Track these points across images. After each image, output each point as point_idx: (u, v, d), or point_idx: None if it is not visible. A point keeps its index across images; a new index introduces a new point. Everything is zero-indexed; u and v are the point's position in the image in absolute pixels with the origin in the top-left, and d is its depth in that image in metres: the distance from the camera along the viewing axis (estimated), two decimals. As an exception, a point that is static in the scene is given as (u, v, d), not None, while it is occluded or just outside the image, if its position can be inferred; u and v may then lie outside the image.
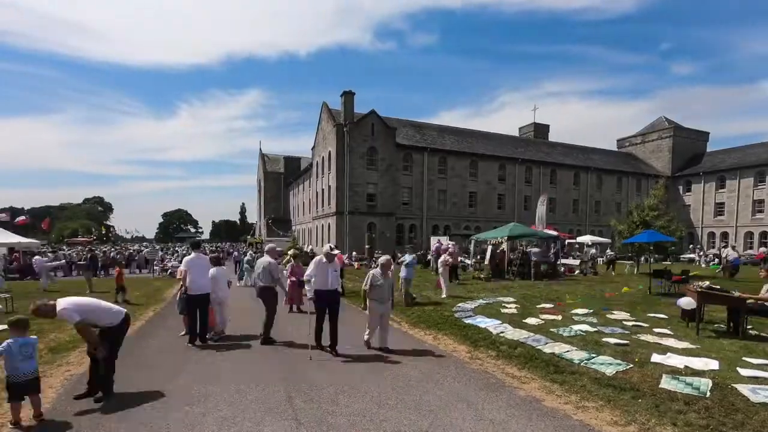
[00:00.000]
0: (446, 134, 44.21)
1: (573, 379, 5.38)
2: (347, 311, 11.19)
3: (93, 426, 4.08)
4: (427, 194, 40.30)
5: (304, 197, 51.37)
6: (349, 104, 36.24)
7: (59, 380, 5.44)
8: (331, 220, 37.53)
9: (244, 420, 4.22)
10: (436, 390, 5.09)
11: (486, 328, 8.24)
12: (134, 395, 4.90)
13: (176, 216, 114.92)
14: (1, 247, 19.91)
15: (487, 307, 10.67)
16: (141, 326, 9.12)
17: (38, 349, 6.84)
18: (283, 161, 62.64)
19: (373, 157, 36.92)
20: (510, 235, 18.60)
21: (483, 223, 41.16)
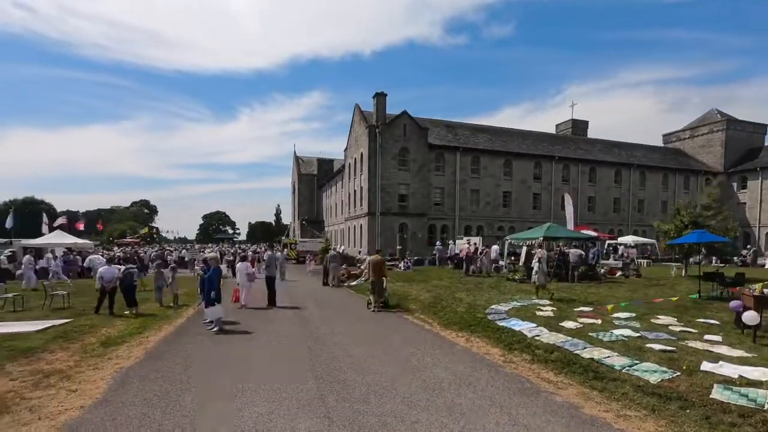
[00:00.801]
0: (479, 133, 43.48)
1: (614, 386, 5.14)
2: (379, 318, 11.25)
3: (141, 416, 4.31)
4: (460, 194, 39.76)
5: (336, 198, 52.06)
6: (381, 105, 36.37)
7: (109, 372, 5.78)
8: (363, 221, 37.81)
9: (279, 416, 4.32)
10: (468, 393, 5.01)
11: (520, 331, 8.02)
12: (176, 389, 5.13)
13: (216, 217, 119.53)
14: (59, 247, 21.45)
15: (522, 309, 10.39)
16: (182, 323, 9.53)
17: (100, 339, 7.33)
18: (316, 163, 63.73)
19: (405, 157, 36.87)
20: (546, 236, 18.02)
21: (518, 224, 40.15)
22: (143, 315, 10.22)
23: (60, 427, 4.05)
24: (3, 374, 5.59)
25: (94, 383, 5.31)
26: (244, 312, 11.00)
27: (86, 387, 5.17)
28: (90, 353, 6.73)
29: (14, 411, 4.43)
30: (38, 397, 4.84)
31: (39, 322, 8.99)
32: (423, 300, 12.36)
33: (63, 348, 6.97)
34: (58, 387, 5.18)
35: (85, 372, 5.77)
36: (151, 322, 9.34)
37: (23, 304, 11.13)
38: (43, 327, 8.36)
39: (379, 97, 36.40)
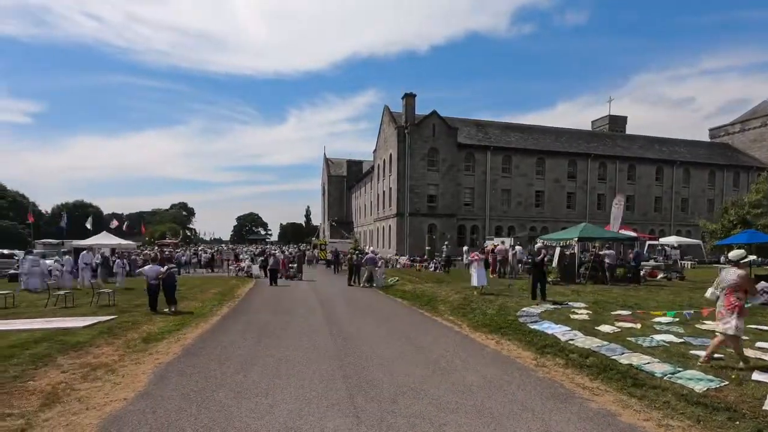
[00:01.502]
0: (510, 131, 42.59)
1: (654, 393, 4.89)
2: (408, 317, 11.23)
3: (179, 410, 4.49)
4: (490, 194, 39.10)
5: (365, 200, 52.40)
6: (410, 106, 36.35)
7: (150, 367, 6.07)
8: (392, 222, 37.85)
9: (309, 414, 4.40)
10: (498, 396, 4.91)
11: (553, 334, 7.78)
12: (211, 384, 5.32)
13: (248, 219, 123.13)
14: (105, 247, 22.74)
15: (555, 312, 10.08)
16: (217, 321, 9.87)
17: (142, 335, 7.71)
18: (345, 165, 64.47)
19: (434, 158, 36.65)
20: (581, 236, 17.41)
21: (551, 224, 39.04)
22: (181, 312, 10.66)
23: (105, 417, 4.28)
24: (55, 366, 5.98)
25: (136, 377, 5.59)
26: (275, 309, 11.26)
27: (129, 380, 5.45)
28: (132, 348, 7.10)
29: (65, 401, 4.73)
30: (86, 388, 5.14)
31: (86, 318, 9.56)
32: (452, 301, 12.23)
33: (108, 343, 7.38)
34: (104, 379, 5.48)
35: (127, 366, 6.08)
36: (188, 320, 9.74)
37: (73, 301, 11.87)
38: (90, 323, 8.89)
39: (408, 98, 36.39)
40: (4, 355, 6.39)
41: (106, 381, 5.43)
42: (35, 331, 8.00)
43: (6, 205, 48.03)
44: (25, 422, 4.14)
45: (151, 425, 4.10)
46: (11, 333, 7.91)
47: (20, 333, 7.89)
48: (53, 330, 8.14)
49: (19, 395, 4.87)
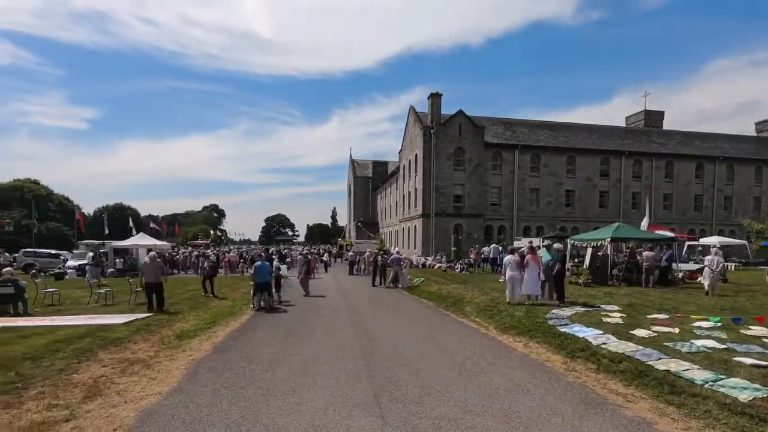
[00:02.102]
0: (539, 129, 41.59)
1: (694, 402, 4.65)
2: (436, 318, 11.17)
3: (210, 405, 4.64)
4: (518, 194, 38.32)
5: (390, 200, 52.46)
6: (436, 106, 36.13)
7: (183, 363, 6.30)
8: (418, 223, 37.71)
9: (334, 413, 4.44)
10: (526, 400, 4.80)
11: (584, 338, 7.53)
12: (240, 382, 5.46)
13: (276, 220, 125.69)
14: (141, 248, 23.77)
15: (586, 315, 9.75)
16: (246, 320, 10.12)
17: (176, 332, 8.00)
18: (371, 166, 64.78)
19: (461, 157, 36.27)
20: (614, 237, 16.79)
21: (582, 224, 37.86)
22: (213, 310, 11.01)
23: (142, 411, 4.47)
24: (96, 361, 6.30)
25: (170, 372, 5.81)
26: (301, 308, 11.44)
27: (163, 375, 5.68)
28: (167, 345, 7.38)
29: (105, 394, 4.97)
30: (124, 382, 5.39)
31: (125, 315, 10.03)
32: (478, 303, 12.06)
33: (144, 339, 7.72)
34: (141, 374, 5.73)
35: (162, 362, 6.33)
36: (219, 318, 10.03)
37: (113, 299, 12.47)
38: (128, 320, 9.32)
39: (433, 97, 36.21)
40: (51, 349, 6.79)
41: (143, 376, 5.67)
42: (79, 327, 8.46)
43: (53, 208, 51.05)
44: (69, 413, 4.39)
45: (184, 419, 4.25)
46: (58, 329, 8.40)
47: (66, 329, 8.37)
48: (95, 326, 8.59)
49: (64, 387, 5.16)
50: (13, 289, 10.55)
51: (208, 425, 4.12)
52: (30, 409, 4.49)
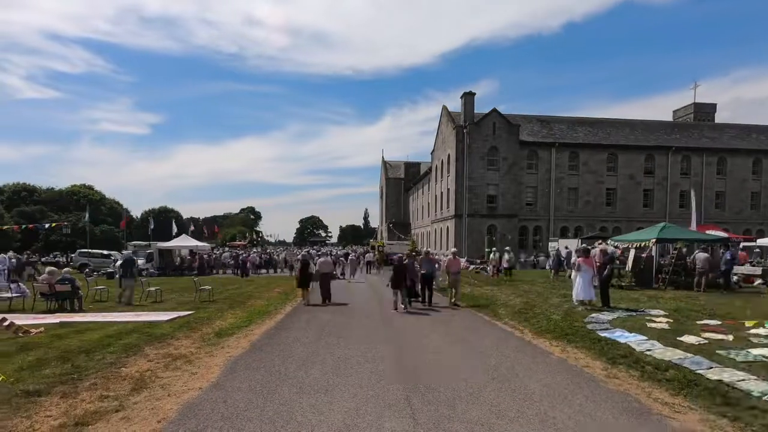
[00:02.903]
0: (578, 126, 40.13)
1: (750, 415, 4.32)
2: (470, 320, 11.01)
3: (246, 401, 4.79)
4: (555, 193, 37.13)
5: (422, 201, 52.23)
6: (469, 105, 35.70)
7: (221, 360, 6.54)
8: (450, 224, 37.32)
9: (366, 413, 4.46)
10: (563, 407, 4.63)
11: (627, 343, 7.18)
12: (275, 379, 5.60)
13: (310, 222, 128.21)
14: (184, 248, 24.94)
15: (629, 319, 9.29)
16: (281, 319, 10.37)
17: (215, 329, 8.32)
18: (403, 167, 64.84)
19: (494, 156, 35.61)
20: (660, 237, 15.90)
21: (624, 224, 36.17)
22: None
23: (183, 404, 4.68)
24: (143, 356, 6.66)
25: (209, 369, 6.05)
26: (334, 310, 11.59)
27: (203, 371, 5.92)
28: (207, 342, 7.70)
29: (151, 387, 5.25)
30: (168, 376, 5.66)
31: (168, 313, 10.54)
32: (513, 305, 11.77)
33: (186, 336, 8.08)
34: (183, 369, 6.00)
35: (202, 358, 6.60)
36: (255, 317, 10.35)
37: (161, 297, 13.15)
38: (171, 317, 9.79)
39: (466, 96, 35.78)
40: (103, 344, 7.24)
41: (185, 371, 5.94)
42: (127, 324, 8.98)
43: (105, 211, 54.52)
44: (118, 404, 4.66)
45: (223, 414, 4.41)
46: (109, 324, 8.96)
47: (115, 324, 8.91)
48: (141, 323, 9.08)
49: (114, 380, 5.49)
50: (70, 287, 11.35)
51: (244, 420, 4.25)
52: (84, 399, 4.80)
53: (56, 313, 10.56)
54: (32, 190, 52.62)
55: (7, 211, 42.55)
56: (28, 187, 52.80)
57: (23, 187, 52.29)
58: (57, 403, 4.66)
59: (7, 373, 5.45)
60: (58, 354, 6.55)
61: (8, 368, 5.70)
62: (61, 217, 42.70)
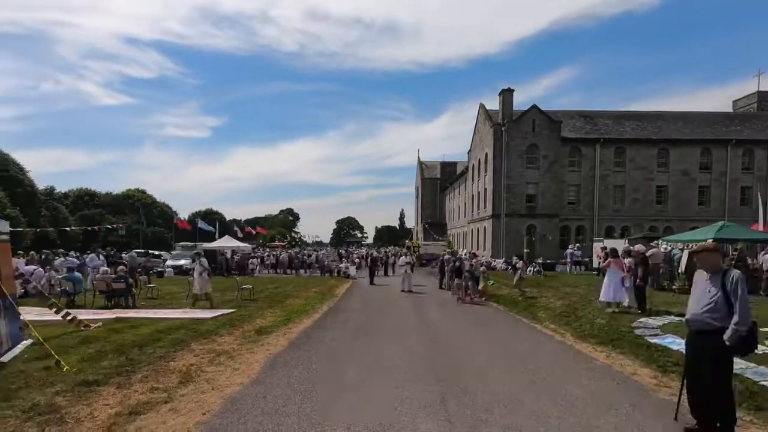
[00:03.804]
0: (624, 120, 38.10)
1: (824, 433, 3.93)
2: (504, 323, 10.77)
3: (285, 397, 4.93)
4: (599, 191, 35.45)
5: (459, 201, 51.55)
6: (507, 102, 34.84)
7: (261, 356, 6.76)
8: (487, 224, 36.58)
9: (401, 413, 4.46)
10: (608, 416, 4.41)
11: (679, 351, 6.71)
12: (312, 377, 5.72)
13: (346, 222, 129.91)
14: (227, 249, 26.03)
15: (681, 324, 8.68)
16: (318, 318, 10.58)
17: (255, 327, 8.59)
18: (439, 167, 64.29)
19: (534, 154, 34.53)
20: (718, 237, 14.77)
21: (676, 223, 33.93)
22: (288, 308, 11.69)
23: (226, 398, 4.88)
24: (189, 351, 7.01)
25: (250, 365, 6.27)
26: (370, 310, 11.68)
27: (245, 367, 6.14)
28: (248, 339, 7.99)
29: (196, 381, 5.51)
30: (212, 371, 5.93)
31: (212, 310, 11.02)
32: (553, 308, 11.36)
33: (229, 333, 8.42)
34: (225, 365, 6.26)
35: (244, 355, 6.86)
36: (293, 315, 10.62)
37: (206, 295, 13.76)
38: (215, 315, 10.23)
39: (504, 93, 34.96)
40: (154, 339, 7.69)
41: (227, 366, 6.19)
42: (175, 320, 9.49)
43: (156, 213, 57.96)
44: (167, 396, 4.93)
45: (263, 409, 4.56)
46: (159, 320, 9.50)
47: (165, 321, 9.44)
48: (188, 320, 9.56)
49: (163, 373, 5.81)
50: (124, 285, 12.15)
51: (283, 416, 4.37)
52: (137, 390, 5.12)
53: (113, 309, 11.34)
54: (93, 195, 57.01)
55: (71, 215, 46.30)
56: (89, 191, 57.23)
57: (85, 192, 56.73)
58: (113, 392, 5.00)
59: (71, 364, 5.91)
60: (114, 347, 7.03)
61: (72, 359, 6.18)
62: (117, 219, 45.84)
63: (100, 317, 9.71)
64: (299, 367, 6.13)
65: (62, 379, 5.36)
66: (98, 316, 9.81)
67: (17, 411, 4.37)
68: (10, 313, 7.02)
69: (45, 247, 28.79)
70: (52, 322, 8.40)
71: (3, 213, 24.51)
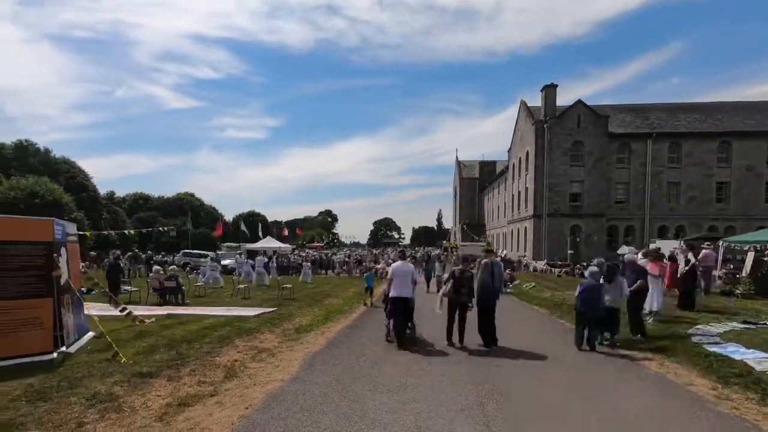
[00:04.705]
0: (679, 113, 35.70)
1: None
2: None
3: (323, 395, 5.02)
4: (651, 189, 33.40)
5: (498, 201, 50.36)
6: (550, 98, 33.68)
7: (301, 354, 6.92)
8: (528, 224, 35.47)
9: (438, 416, 4.41)
10: (662, 430, 4.14)
11: (743, 360, 6.19)
12: (349, 376, 5.78)
13: (383, 223, 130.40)
14: (269, 249, 26.91)
15: (745, 332, 7.99)
16: (355, 318, 10.68)
17: (295, 326, 8.80)
18: (478, 166, 63.15)
19: (579, 152, 33.11)
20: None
21: (740, 223, 31.33)
22: (327, 307, 11.91)
23: (267, 394, 5.04)
24: (233, 347, 7.31)
25: (290, 362, 6.44)
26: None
27: (285, 364, 6.32)
28: (288, 337, 8.21)
29: (240, 376, 5.74)
30: (254, 367, 6.15)
31: (255, 309, 11.43)
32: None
33: (270, 331, 8.70)
34: (267, 362, 6.47)
35: (284, 352, 7.05)
36: (332, 315, 10.80)
37: (249, 294, 14.33)
38: (257, 313, 10.60)
39: (547, 89, 33.84)
40: (201, 335, 8.08)
41: (268, 363, 6.39)
42: (220, 318, 9.93)
43: (204, 216, 61.07)
44: (213, 389, 5.17)
45: (302, 405, 4.67)
46: (205, 317, 9.98)
47: (211, 318, 9.90)
48: (232, 317, 9.97)
49: (210, 367, 6.09)
50: (175, 284, 12.88)
51: (321, 414, 4.45)
52: (185, 383, 5.40)
53: (164, 306, 12.04)
54: (147, 198, 61.19)
55: (128, 217, 49.83)
56: (144, 195, 61.50)
57: (140, 196, 61.01)
58: (164, 384, 5.31)
59: (127, 356, 6.34)
60: (166, 342, 7.45)
61: (128, 352, 6.63)
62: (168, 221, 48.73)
63: (153, 313, 10.34)
64: (337, 366, 6.22)
65: (120, 370, 5.76)
66: (152, 312, 10.45)
67: (81, 398, 4.74)
68: (77, 308, 7.65)
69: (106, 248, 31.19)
70: (111, 317, 9.05)
71: (70, 216, 26.76)
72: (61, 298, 6.73)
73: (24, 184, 27.73)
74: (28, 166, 38.04)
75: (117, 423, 4.17)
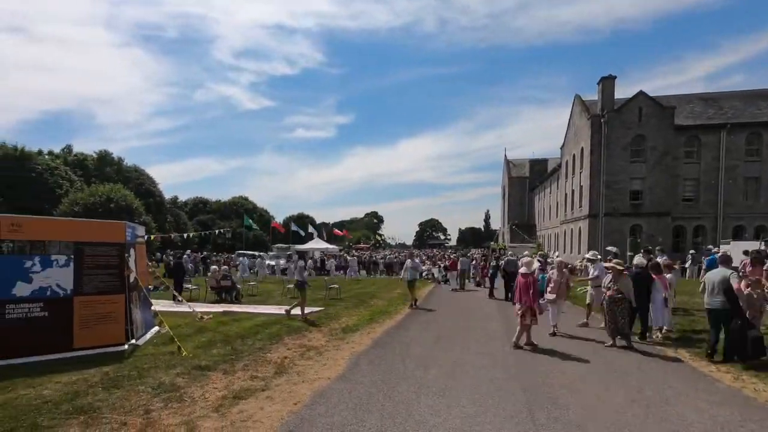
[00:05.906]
0: (759, 101, 32.25)
1: None
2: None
3: (368, 395, 5.08)
4: (725, 185, 30.46)
5: (550, 200, 48.25)
6: (607, 91, 31.77)
7: (347, 354, 7.05)
8: (583, 224, 33.65)
9: (485, 421, 4.32)
10: (734, 449, 3.77)
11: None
12: (394, 377, 5.80)
13: (429, 224, 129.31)
14: (316, 251, 27.67)
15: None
16: (401, 319, 10.69)
17: (342, 326, 9.01)
18: (528, 165, 61.01)
19: (640, 147, 30.94)
20: None
21: (835, 221, 27.70)
22: (372, 308, 12.04)
23: (315, 391, 5.20)
24: (283, 344, 7.60)
25: (336, 361, 6.59)
26: (452, 312, 11.48)
27: (331, 363, 6.47)
28: (334, 336, 8.40)
29: (289, 373, 5.96)
30: (302, 365, 6.35)
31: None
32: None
33: (317, 330, 8.94)
34: (314, 360, 6.66)
35: (330, 351, 7.22)
36: (377, 316, 10.89)
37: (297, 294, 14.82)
38: (306, 312, 10.91)
39: (605, 81, 31.96)
40: (253, 332, 8.49)
41: (316, 361, 6.58)
42: (271, 316, 10.35)
43: (256, 218, 64.13)
44: (264, 384, 5.41)
45: (347, 404, 4.76)
46: (258, 315, 10.46)
47: (263, 316, 10.36)
48: (282, 315, 10.36)
49: (261, 363, 6.38)
50: (230, 283, 13.62)
51: (366, 413, 4.51)
52: (239, 377, 5.70)
53: (221, 304, 12.76)
54: (205, 202, 65.37)
55: (189, 219, 53.49)
56: (203, 199, 65.76)
57: (199, 200, 65.30)
58: (220, 378, 5.63)
59: (188, 350, 6.80)
60: (222, 337, 7.91)
61: (189, 346, 7.11)
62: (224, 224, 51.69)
63: (212, 310, 10.99)
64: (382, 367, 6.27)
65: (182, 363, 6.19)
66: (210, 309, 11.12)
67: (148, 387, 5.15)
68: (144, 303, 8.33)
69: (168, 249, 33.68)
70: (174, 313, 9.76)
71: (140, 219, 29.21)
72: (131, 294, 7.37)
73: (102, 190, 30.65)
74: (104, 175, 42.00)
75: (179, 412, 4.49)
